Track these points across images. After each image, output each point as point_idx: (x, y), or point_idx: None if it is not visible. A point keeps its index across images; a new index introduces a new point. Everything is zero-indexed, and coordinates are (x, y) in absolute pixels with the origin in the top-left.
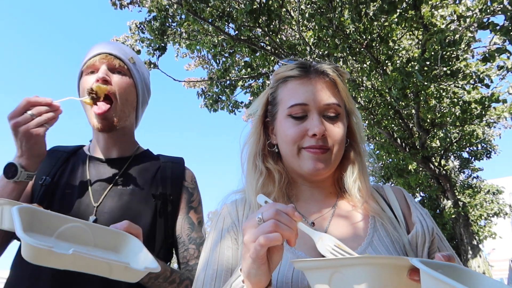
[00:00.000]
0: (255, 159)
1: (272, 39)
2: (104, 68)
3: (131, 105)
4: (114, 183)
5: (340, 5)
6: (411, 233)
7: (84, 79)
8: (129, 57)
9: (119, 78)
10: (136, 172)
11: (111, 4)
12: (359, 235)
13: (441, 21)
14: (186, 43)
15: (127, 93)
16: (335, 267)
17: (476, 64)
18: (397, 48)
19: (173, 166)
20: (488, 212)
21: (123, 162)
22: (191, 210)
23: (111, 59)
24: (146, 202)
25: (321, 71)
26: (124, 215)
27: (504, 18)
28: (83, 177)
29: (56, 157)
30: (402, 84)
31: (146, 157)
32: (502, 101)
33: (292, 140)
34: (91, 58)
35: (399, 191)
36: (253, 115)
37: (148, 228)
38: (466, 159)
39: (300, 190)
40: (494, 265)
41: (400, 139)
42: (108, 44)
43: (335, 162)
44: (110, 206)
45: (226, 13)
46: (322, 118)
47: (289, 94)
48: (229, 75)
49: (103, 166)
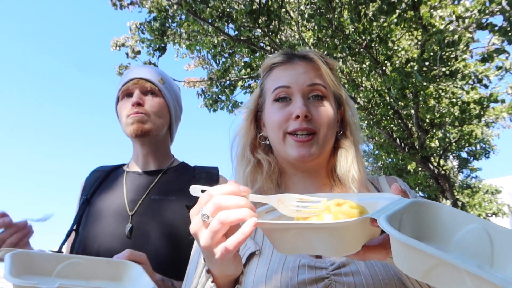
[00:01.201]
0: (244, 150)
1: (272, 39)
2: (137, 92)
3: (164, 119)
4: (148, 192)
5: (339, 6)
6: None
7: (121, 103)
8: (159, 79)
9: (151, 99)
10: (170, 182)
11: (111, 4)
12: None
13: (440, 21)
14: (186, 43)
15: (160, 110)
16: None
17: (475, 65)
18: (396, 48)
19: (207, 175)
20: (487, 212)
21: (158, 173)
22: None
23: (143, 82)
24: (180, 211)
25: (303, 55)
26: (159, 225)
27: (503, 19)
28: (119, 190)
29: (95, 177)
30: (401, 85)
31: (181, 169)
32: (501, 101)
33: (277, 124)
34: (126, 84)
35: (393, 181)
36: (246, 109)
37: (182, 238)
38: (465, 159)
39: (292, 181)
40: None
41: (399, 139)
42: (140, 68)
43: (323, 147)
44: (145, 214)
45: (226, 13)
46: (306, 101)
47: (273, 80)
48: (229, 75)
49: (139, 178)
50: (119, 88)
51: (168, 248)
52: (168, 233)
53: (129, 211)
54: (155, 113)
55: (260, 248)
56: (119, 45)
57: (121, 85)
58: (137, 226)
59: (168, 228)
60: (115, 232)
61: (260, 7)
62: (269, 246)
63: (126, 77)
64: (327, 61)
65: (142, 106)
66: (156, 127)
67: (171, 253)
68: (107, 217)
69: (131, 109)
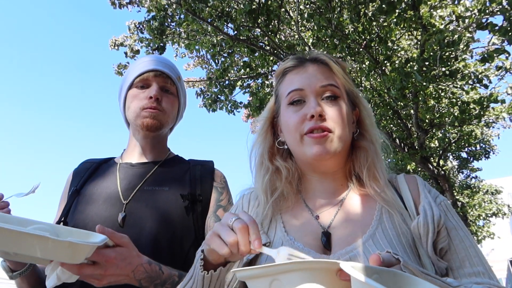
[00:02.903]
0: (262, 158)
1: (271, 39)
2: (157, 87)
3: (173, 118)
4: (143, 182)
5: (339, 5)
6: (413, 224)
7: (135, 92)
8: (177, 76)
9: (168, 98)
10: (166, 173)
11: (110, 3)
12: (362, 229)
13: (440, 21)
14: (185, 43)
15: (173, 110)
16: (272, 275)
17: (475, 65)
18: (396, 48)
19: (202, 168)
20: (486, 212)
21: (154, 165)
22: (220, 209)
23: (164, 78)
24: (174, 202)
25: (314, 58)
26: (153, 214)
27: (503, 19)
28: (112, 180)
29: (85, 168)
30: (401, 84)
31: (176, 161)
32: (501, 101)
33: (294, 127)
34: (145, 73)
35: (412, 180)
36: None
37: (176, 227)
38: (465, 159)
39: (310, 183)
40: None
41: (399, 139)
42: (160, 61)
43: (339, 147)
44: (139, 204)
45: (225, 13)
46: (320, 101)
47: (287, 84)
48: (228, 75)
49: (133, 169)
50: (137, 74)
51: (163, 237)
52: (163, 223)
53: (123, 200)
54: (170, 112)
55: (271, 241)
56: (117, 44)
57: (138, 72)
58: (130, 215)
59: (163, 218)
60: (107, 220)
61: (260, 7)
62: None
63: (145, 66)
64: (338, 63)
65: (160, 102)
66: (167, 125)
67: (165, 242)
68: (99, 205)
69: (148, 102)
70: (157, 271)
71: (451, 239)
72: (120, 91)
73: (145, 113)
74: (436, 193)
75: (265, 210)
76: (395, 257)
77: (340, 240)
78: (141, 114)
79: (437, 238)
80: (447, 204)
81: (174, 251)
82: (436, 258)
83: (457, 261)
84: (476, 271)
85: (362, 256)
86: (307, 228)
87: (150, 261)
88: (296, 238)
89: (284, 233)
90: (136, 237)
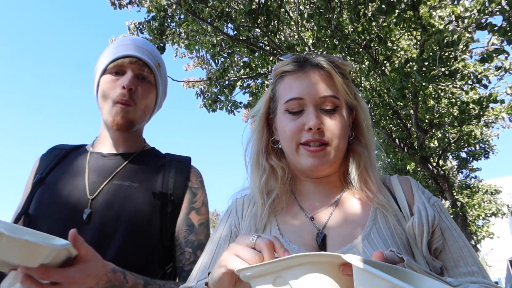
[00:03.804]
0: (258, 157)
1: (271, 39)
2: (131, 75)
3: (149, 110)
4: (113, 177)
5: (338, 6)
6: (407, 224)
7: (108, 78)
8: (156, 63)
9: (143, 87)
10: (137, 168)
11: (110, 4)
12: (357, 229)
13: (439, 21)
14: (185, 43)
15: (150, 102)
16: (275, 272)
17: (474, 65)
18: (396, 48)
19: (178, 164)
20: (486, 212)
21: (126, 157)
22: (192, 211)
23: (140, 66)
24: (144, 200)
25: (315, 63)
26: (120, 211)
27: (502, 19)
28: (80, 171)
29: (53, 155)
30: (401, 85)
31: (151, 155)
32: (500, 102)
33: (290, 135)
34: (120, 59)
35: (406, 181)
36: (256, 114)
37: (143, 229)
38: (464, 159)
39: (304, 185)
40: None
41: (399, 139)
42: (138, 45)
43: (335, 157)
44: (106, 200)
45: (225, 13)
46: (319, 112)
47: (285, 89)
48: (228, 75)
49: (104, 160)
50: (111, 59)
51: (128, 240)
52: (130, 223)
53: (89, 195)
54: (143, 104)
55: None
56: None
57: (113, 57)
58: (97, 212)
59: (130, 218)
60: (70, 217)
61: (259, 7)
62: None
63: (120, 50)
64: (339, 67)
65: (134, 92)
66: (141, 120)
67: (131, 245)
68: (62, 199)
69: (120, 95)
70: (121, 280)
71: (445, 239)
72: (94, 76)
73: (116, 109)
74: (429, 194)
75: (263, 213)
76: (398, 256)
77: (335, 241)
78: (113, 110)
79: (431, 239)
80: (440, 205)
81: (139, 255)
82: (431, 258)
83: (451, 261)
84: (471, 270)
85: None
86: (302, 229)
87: (115, 269)
88: (291, 240)
89: (279, 235)
90: (100, 237)
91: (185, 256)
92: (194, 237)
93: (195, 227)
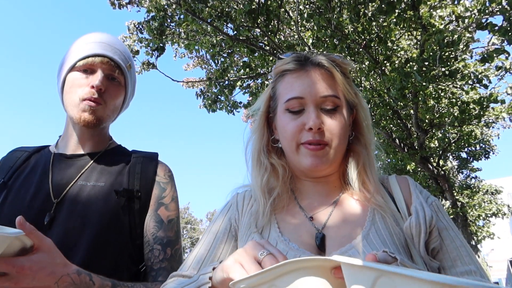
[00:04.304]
0: (259, 155)
1: (271, 39)
2: (101, 75)
3: (117, 110)
4: (78, 179)
5: (338, 6)
6: (405, 224)
7: (75, 76)
8: (127, 64)
9: (113, 88)
10: (102, 168)
11: (110, 4)
12: (356, 230)
13: (439, 21)
14: (185, 43)
15: (118, 103)
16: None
17: (475, 65)
18: (396, 48)
19: (144, 160)
20: (486, 212)
21: (91, 157)
22: (161, 207)
23: (111, 66)
24: (109, 199)
25: (316, 62)
26: (85, 214)
27: (503, 19)
28: (44, 174)
29: (15, 158)
30: (401, 85)
31: (116, 153)
32: (501, 102)
33: (291, 135)
34: (91, 57)
35: (404, 181)
36: (256, 112)
37: (110, 229)
38: (465, 159)
39: (303, 185)
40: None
41: (399, 139)
42: (110, 44)
43: (335, 157)
44: (70, 203)
45: (225, 13)
46: (319, 111)
47: (286, 88)
48: (228, 75)
49: (69, 162)
50: (81, 57)
51: (94, 241)
52: (95, 224)
53: (53, 198)
54: (113, 105)
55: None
56: None
57: (83, 55)
58: (59, 216)
59: (95, 218)
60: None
61: (259, 7)
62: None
63: (91, 48)
64: (340, 66)
65: (103, 93)
66: (108, 118)
67: (97, 246)
68: (26, 202)
69: (89, 93)
70: (87, 282)
71: (442, 239)
72: (60, 70)
73: (83, 106)
74: (427, 194)
75: (265, 211)
76: (391, 256)
77: (334, 241)
78: (80, 106)
79: (429, 238)
80: (438, 204)
81: (107, 256)
82: (428, 258)
83: (449, 261)
84: (468, 269)
85: (357, 256)
86: (301, 228)
87: (79, 270)
88: (291, 239)
89: (279, 234)
90: (64, 241)
91: (154, 254)
92: (163, 234)
93: (164, 223)
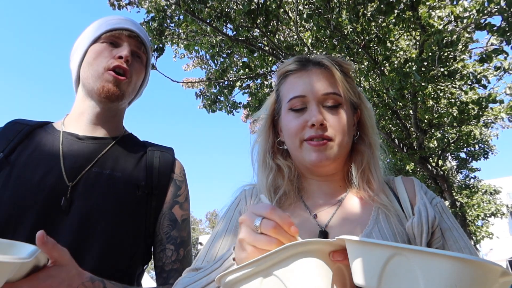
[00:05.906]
0: (265, 157)
1: (270, 39)
2: (128, 48)
3: (135, 90)
4: (94, 164)
5: (338, 6)
6: (407, 224)
7: (100, 47)
8: (150, 46)
9: (137, 65)
10: (117, 156)
11: (109, 4)
12: (358, 228)
13: (438, 22)
14: (184, 43)
15: (139, 80)
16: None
17: (474, 65)
18: (395, 48)
19: (162, 155)
20: (485, 212)
21: (106, 142)
22: (176, 205)
23: (137, 42)
24: (128, 192)
25: (317, 62)
26: (102, 201)
27: (501, 19)
28: (53, 153)
29: (15, 130)
30: (400, 85)
31: (131, 141)
32: (499, 102)
33: (294, 132)
34: (117, 30)
35: (409, 181)
36: (262, 117)
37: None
38: (464, 159)
39: (309, 184)
40: None
41: (398, 139)
42: (135, 23)
43: (339, 153)
44: (87, 189)
45: (224, 13)
46: (321, 108)
47: (288, 88)
48: (227, 76)
49: (81, 144)
50: (108, 29)
51: (113, 237)
52: (114, 215)
53: (67, 181)
54: (135, 82)
55: None
56: None
57: (110, 27)
58: (77, 201)
59: (114, 212)
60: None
61: (259, 7)
62: None
63: (118, 22)
64: (341, 66)
65: (130, 65)
66: (129, 96)
67: (116, 243)
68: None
69: (115, 62)
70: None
71: (445, 240)
72: (78, 45)
73: (108, 76)
74: (433, 195)
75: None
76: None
77: None
78: (104, 76)
79: (431, 239)
80: (443, 205)
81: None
82: None
83: None
84: None
85: None
86: (305, 226)
87: (92, 278)
88: None
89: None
90: (81, 230)
91: (166, 254)
92: (176, 233)
93: (178, 223)
